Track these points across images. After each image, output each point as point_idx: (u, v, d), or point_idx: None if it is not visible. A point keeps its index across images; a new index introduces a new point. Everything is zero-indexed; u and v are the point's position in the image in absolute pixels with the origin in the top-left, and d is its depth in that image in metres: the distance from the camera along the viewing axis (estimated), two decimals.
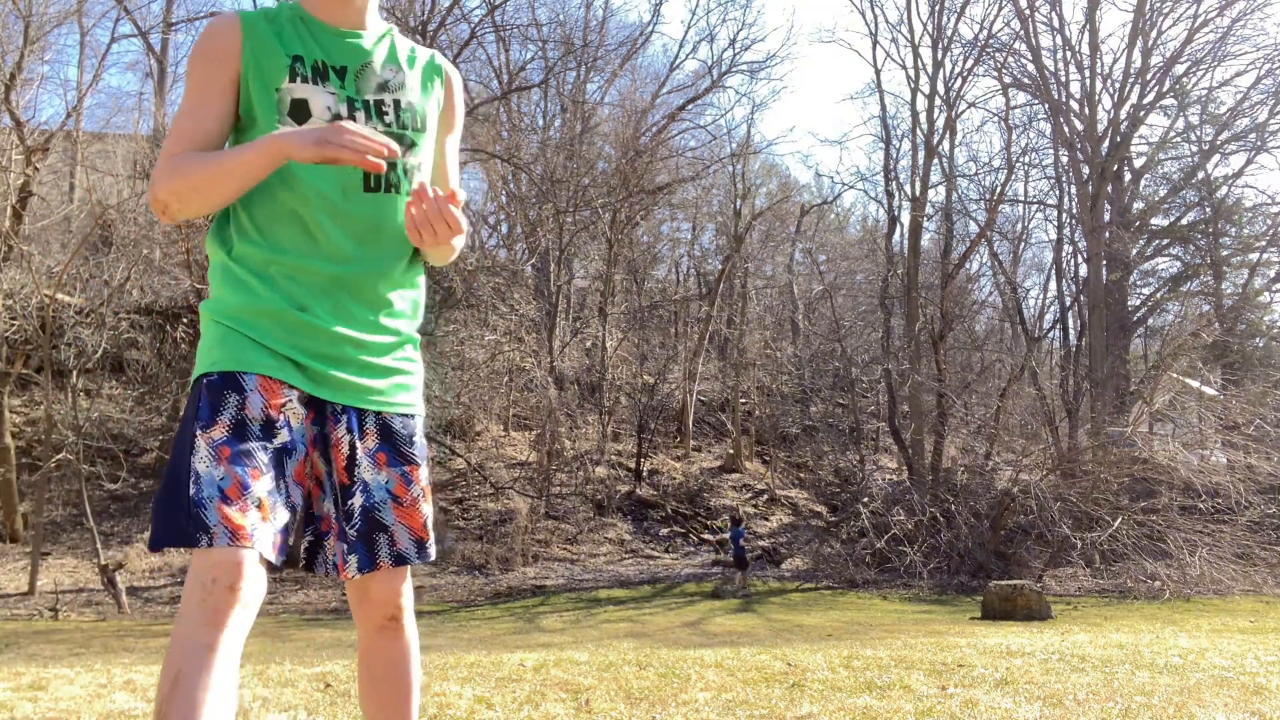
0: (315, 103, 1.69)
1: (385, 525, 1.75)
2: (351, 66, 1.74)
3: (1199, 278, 25.68)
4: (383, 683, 1.87)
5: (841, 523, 19.27)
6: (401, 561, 1.77)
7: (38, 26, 18.31)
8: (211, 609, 1.51)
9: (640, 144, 25.62)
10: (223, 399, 1.59)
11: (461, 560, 16.86)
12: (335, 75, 1.73)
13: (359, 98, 1.74)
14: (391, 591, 1.80)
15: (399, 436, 1.79)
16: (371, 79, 1.76)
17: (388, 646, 1.85)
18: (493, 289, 20.05)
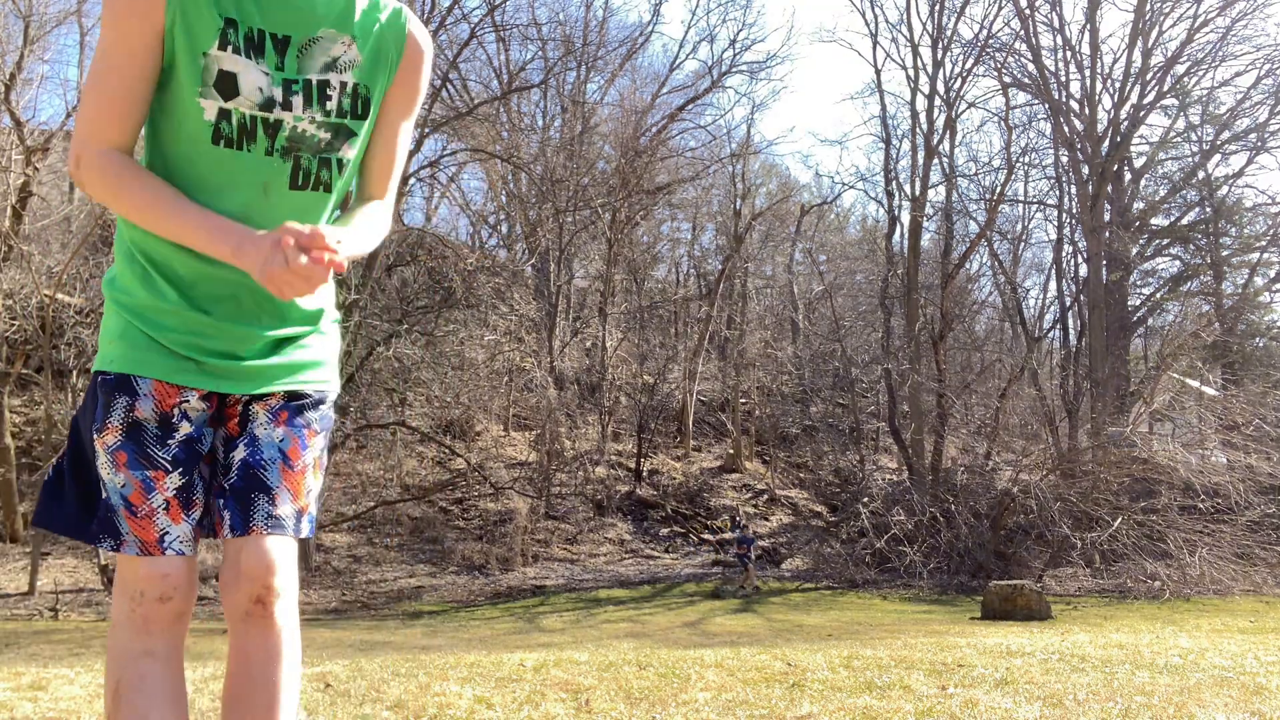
0: (245, 80, 1.50)
1: (268, 486, 1.57)
2: (296, 37, 1.53)
3: (1199, 278, 25.68)
4: (236, 686, 1.56)
5: (841, 523, 19.27)
6: (277, 527, 1.56)
7: (38, 26, 18.32)
8: (142, 619, 1.46)
9: (640, 144, 25.63)
10: (113, 401, 1.50)
11: (461, 560, 16.86)
12: (274, 48, 1.52)
13: (299, 77, 1.54)
14: (263, 566, 1.54)
15: (306, 399, 1.66)
16: (318, 55, 1.55)
17: (254, 640, 1.56)
18: (493, 289, 20.05)
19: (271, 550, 1.56)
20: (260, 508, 1.56)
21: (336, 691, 4.18)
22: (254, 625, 1.55)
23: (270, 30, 1.50)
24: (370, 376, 18.99)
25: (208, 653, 8.88)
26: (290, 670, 1.58)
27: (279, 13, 1.51)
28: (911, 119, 22.92)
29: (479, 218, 30.60)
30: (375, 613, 13.55)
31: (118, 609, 1.47)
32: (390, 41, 1.63)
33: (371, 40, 1.61)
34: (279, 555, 1.57)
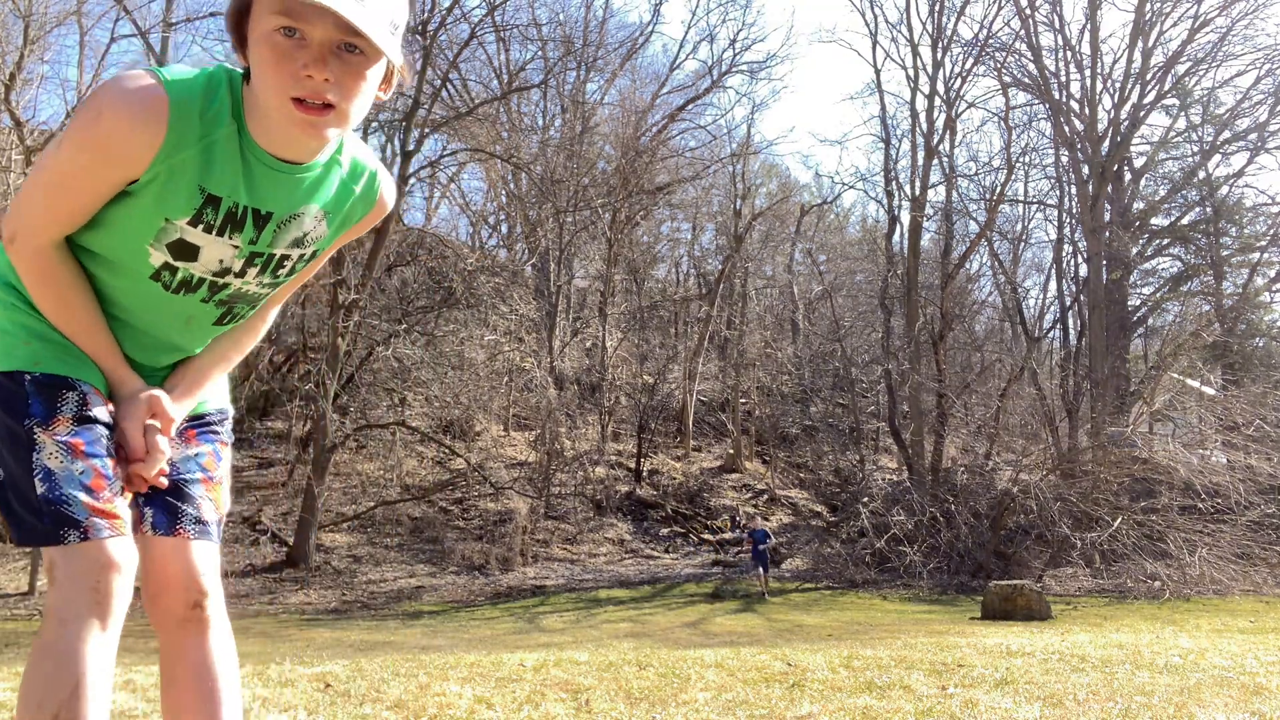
0: (208, 253, 1.49)
1: (191, 496, 1.61)
2: (279, 214, 1.51)
3: (1199, 278, 25.68)
4: (186, 694, 1.59)
5: (841, 523, 19.27)
6: (204, 533, 1.60)
7: (38, 26, 18.32)
8: (101, 608, 1.42)
9: (640, 144, 25.63)
10: (58, 396, 1.49)
11: (461, 560, 16.86)
12: (254, 224, 1.49)
13: (266, 251, 1.54)
14: (194, 571, 1.58)
15: (209, 415, 1.71)
16: (291, 231, 1.55)
17: (192, 647, 1.59)
18: (493, 289, 20.05)
19: (202, 555, 1.59)
20: (186, 514, 1.59)
21: (336, 691, 4.18)
22: (192, 629, 1.58)
23: (255, 207, 1.48)
24: (370, 376, 18.99)
25: None
26: (233, 670, 1.61)
27: (268, 192, 1.48)
28: (911, 119, 22.94)
29: (479, 218, 30.63)
30: (375, 613, 13.55)
31: (73, 603, 1.40)
32: (360, 208, 1.65)
33: (343, 212, 1.62)
34: (208, 560, 1.61)
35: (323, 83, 1.33)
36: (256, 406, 19.91)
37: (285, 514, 17.33)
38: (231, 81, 1.44)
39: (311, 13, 1.30)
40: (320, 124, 1.37)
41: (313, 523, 15.85)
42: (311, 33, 1.32)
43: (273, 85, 1.34)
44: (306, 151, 1.47)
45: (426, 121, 18.32)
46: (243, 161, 1.45)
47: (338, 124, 1.39)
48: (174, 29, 26.13)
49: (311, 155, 1.49)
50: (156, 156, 1.38)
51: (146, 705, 3.87)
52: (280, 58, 1.32)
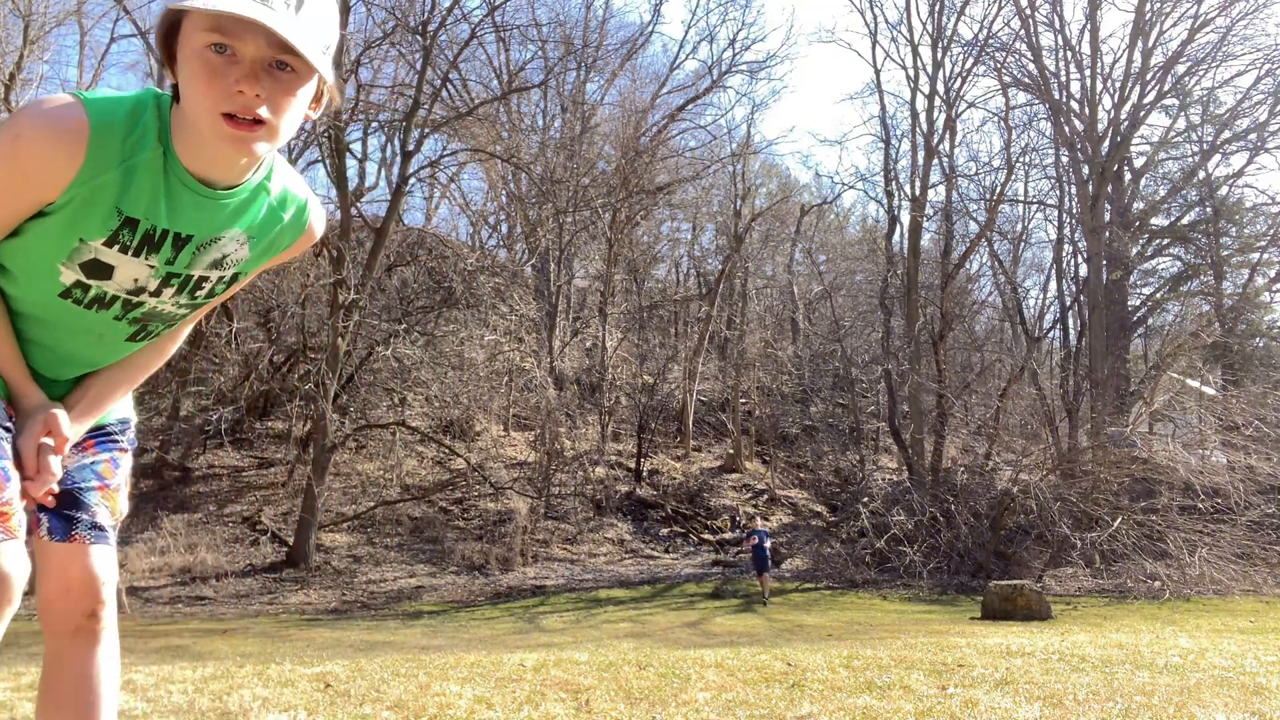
0: (122, 272, 1.49)
1: (87, 503, 1.62)
2: (199, 237, 1.51)
3: (1199, 278, 25.68)
4: (66, 705, 1.58)
5: (841, 523, 19.27)
6: (101, 538, 1.61)
7: (38, 26, 18.33)
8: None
9: (640, 144, 25.63)
10: None
11: (461, 560, 16.86)
12: (173, 245, 1.49)
13: (183, 273, 1.54)
14: (94, 579, 1.58)
15: (110, 426, 1.73)
16: (211, 253, 1.55)
17: (82, 657, 1.59)
18: (493, 289, 20.05)
19: (100, 563, 1.60)
20: (82, 520, 1.60)
21: (336, 691, 4.18)
22: (84, 638, 1.59)
23: (175, 230, 1.47)
24: (370, 376, 18.99)
25: (207, 653, 8.87)
26: (115, 679, 1.63)
27: (188, 217, 1.48)
28: (911, 119, 22.93)
29: (479, 218, 30.63)
30: (375, 613, 13.55)
31: None
32: (288, 236, 1.64)
33: (268, 239, 1.61)
34: (107, 568, 1.62)
35: (254, 98, 1.33)
36: (256, 406, 19.92)
37: (285, 514, 17.34)
38: (159, 105, 1.44)
39: (244, 29, 1.30)
40: (250, 139, 1.36)
41: (313, 523, 15.86)
42: (243, 49, 1.32)
43: (203, 101, 1.33)
44: (235, 169, 1.46)
45: (426, 121, 18.33)
46: (165, 185, 1.44)
47: (268, 139, 1.38)
48: None
49: (241, 174, 1.48)
50: (74, 180, 1.38)
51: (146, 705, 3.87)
52: (212, 74, 1.32)
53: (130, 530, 16.16)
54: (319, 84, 1.43)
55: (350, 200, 17.34)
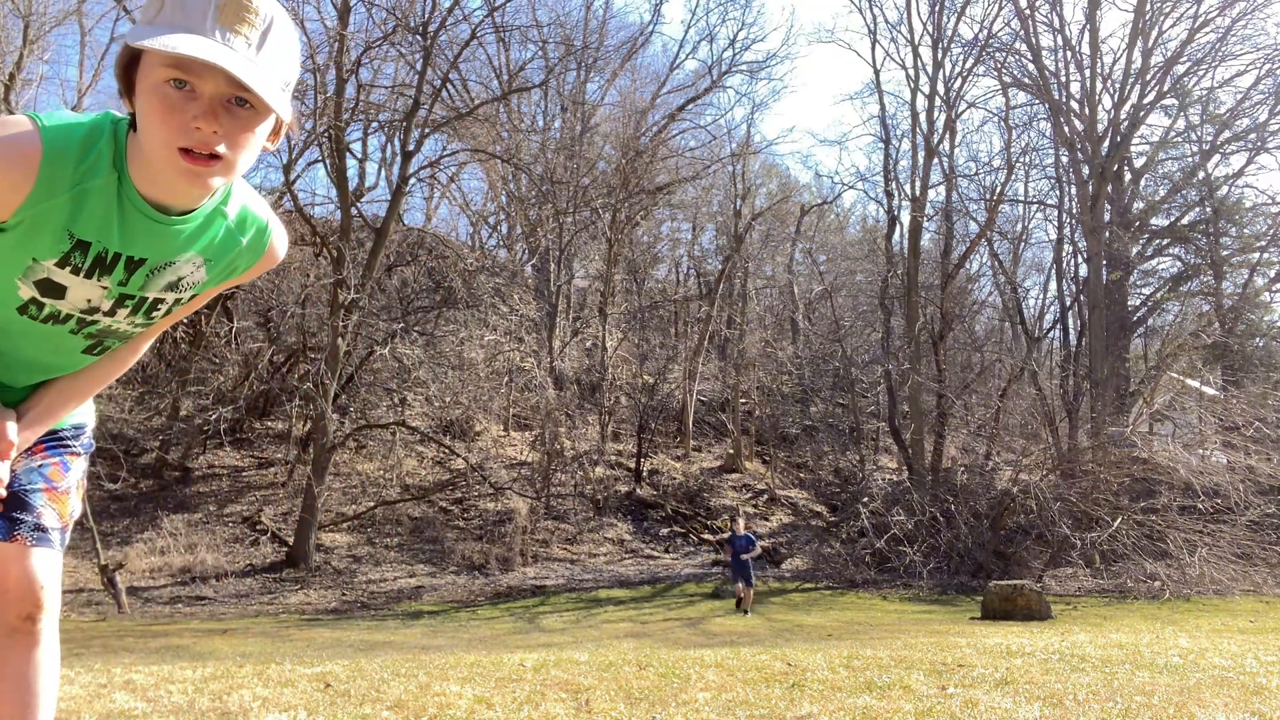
0: (75, 293, 1.51)
1: (32, 505, 1.63)
2: (152, 260, 1.52)
3: (1199, 278, 25.67)
4: (3, 704, 1.58)
5: (841, 523, 19.26)
6: (43, 540, 1.62)
7: (38, 26, 18.32)
8: None
9: (640, 144, 25.63)
10: None
11: (461, 560, 16.86)
12: (125, 268, 1.50)
13: (137, 294, 1.55)
14: (32, 581, 1.58)
15: (62, 431, 1.74)
16: (166, 276, 1.56)
17: (19, 656, 1.58)
18: (493, 289, 20.05)
19: (41, 566, 1.60)
20: (25, 522, 1.60)
21: (336, 691, 4.18)
22: (21, 641, 1.59)
23: (128, 254, 1.49)
24: (370, 376, 18.99)
25: (207, 653, 8.87)
26: (52, 684, 1.63)
27: (142, 241, 1.49)
28: (911, 119, 22.92)
29: (479, 218, 30.63)
30: (375, 613, 13.55)
31: None
32: (246, 259, 1.65)
33: (226, 261, 1.62)
34: (48, 571, 1.62)
35: (211, 134, 1.35)
36: (256, 406, 19.92)
37: (285, 514, 17.34)
38: (116, 130, 1.45)
39: (203, 67, 1.32)
40: (205, 174, 1.38)
41: (312, 523, 15.86)
42: (202, 86, 1.34)
43: (160, 135, 1.35)
44: (189, 199, 1.48)
45: (427, 122, 18.32)
46: (119, 209, 1.45)
47: (224, 174, 1.40)
48: None
49: (195, 202, 1.49)
50: (24, 203, 1.39)
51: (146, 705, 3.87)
52: (169, 109, 1.33)
53: (130, 530, 16.16)
54: (276, 119, 1.45)
55: (350, 200, 17.35)
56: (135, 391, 19.01)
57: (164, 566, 15.21)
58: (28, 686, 1.59)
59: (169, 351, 18.78)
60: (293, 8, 20.35)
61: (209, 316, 18.67)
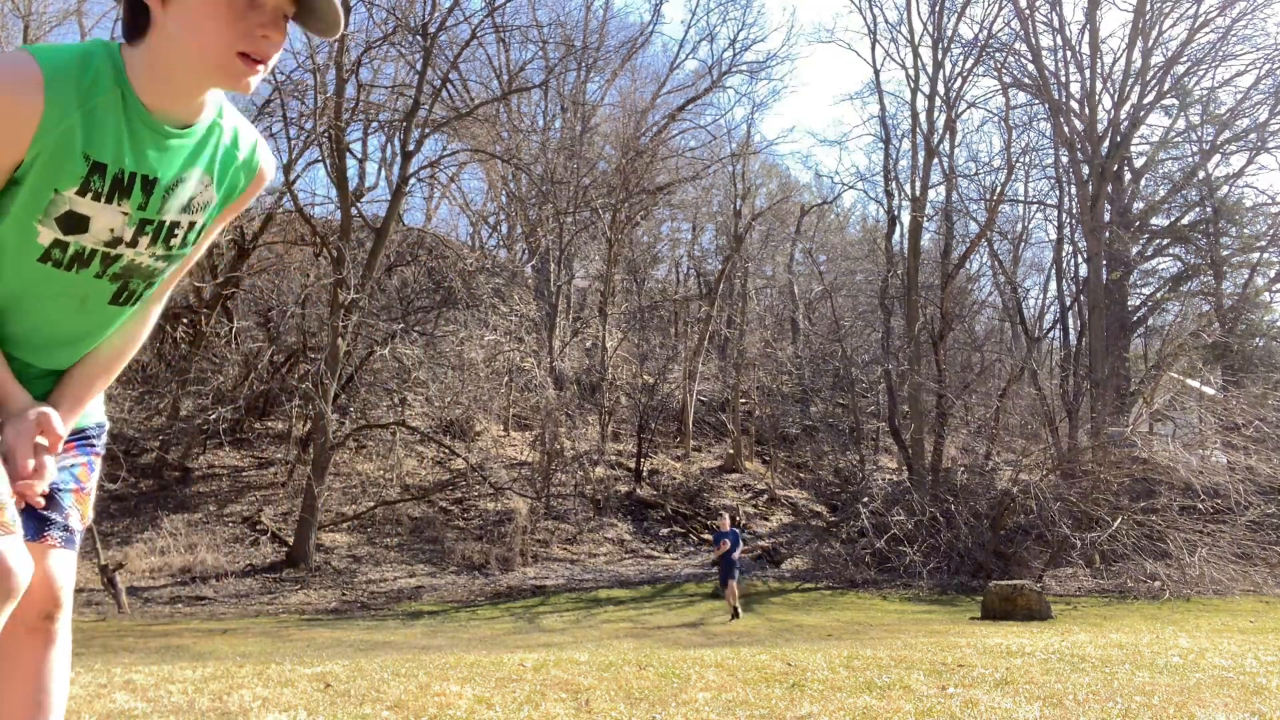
0: (98, 222, 1.51)
1: (62, 505, 1.65)
2: (165, 179, 1.55)
3: (1199, 278, 25.67)
4: (15, 703, 1.61)
5: (841, 523, 19.26)
6: (69, 542, 1.65)
7: (37, 26, 18.32)
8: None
9: (640, 144, 25.63)
10: None
11: (461, 560, 16.86)
12: (142, 189, 1.52)
13: (155, 218, 1.57)
14: (54, 582, 1.61)
15: (89, 430, 1.77)
16: (179, 196, 1.59)
17: (32, 657, 1.62)
18: (493, 289, 20.04)
19: (61, 566, 1.63)
20: (55, 522, 1.63)
21: (336, 691, 4.18)
22: (38, 639, 1.61)
23: (142, 172, 1.51)
24: (370, 376, 18.99)
25: (207, 653, 8.88)
26: (65, 688, 1.66)
27: (152, 157, 1.52)
28: (911, 119, 22.92)
29: (479, 218, 30.62)
30: (375, 613, 13.54)
31: None
32: (242, 176, 1.69)
33: (227, 179, 1.66)
34: (66, 570, 1.65)
35: (272, 44, 1.46)
36: (256, 406, 19.91)
37: (285, 514, 17.34)
38: (109, 50, 1.48)
39: None
40: (254, 79, 1.47)
41: (312, 523, 15.86)
42: (270, 1, 1.44)
43: (225, 38, 1.42)
44: (195, 106, 1.54)
45: (427, 122, 18.33)
46: (127, 126, 1.48)
47: (258, 78, 1.49)
48: None
49: (197, 112, 1.55)
50: (38, 130, 1.41)
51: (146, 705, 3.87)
52: (236, 15, 1.42)
53: (130, 530, 16.16)
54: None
55: (350, 200, 17.35)
56: (135, 391, 19.01)
57: (164, 566, 15.22)
58: (42, 684, 1.63)
59: (169, 351, 18.79)
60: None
61: (209, 316, 18.68)
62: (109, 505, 16.61)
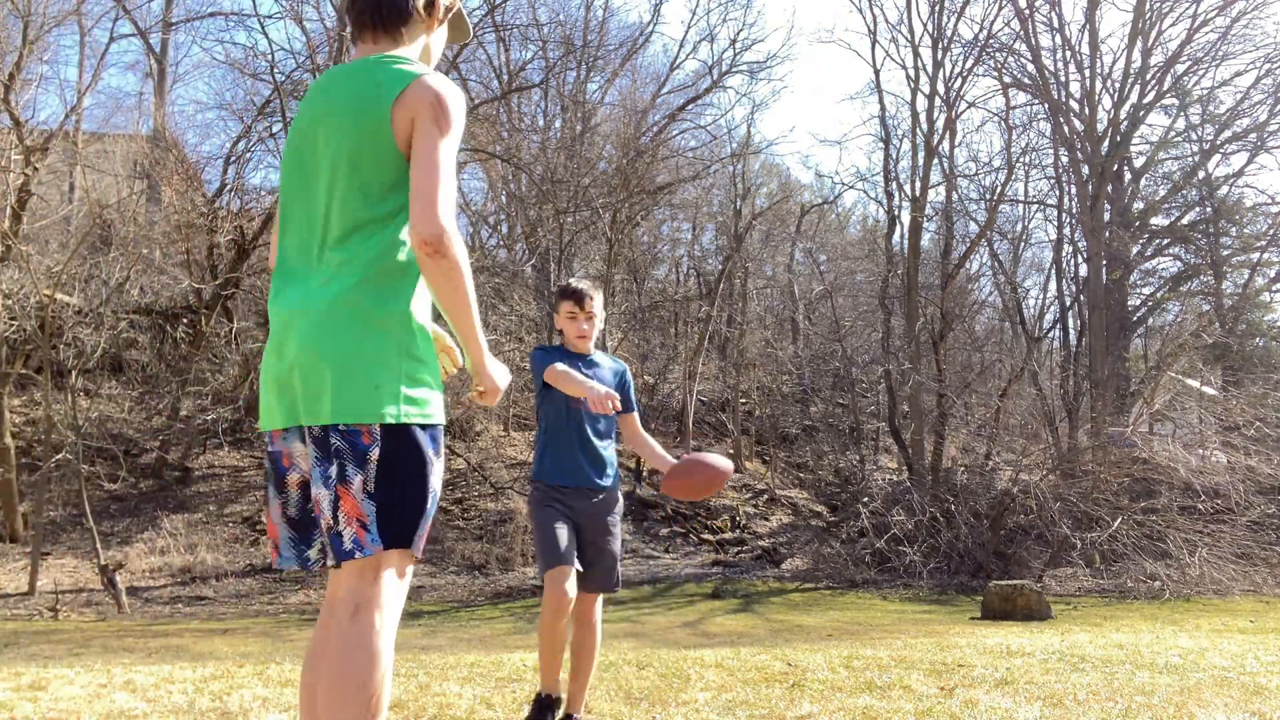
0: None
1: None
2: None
3: (1199, 278, 25.67)
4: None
5: (841, 523, 19.26)
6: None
7: (37, 26, 18.29)
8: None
9: (640, 144, 25.60)
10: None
11: (461, 560, 16.87)
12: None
13: None
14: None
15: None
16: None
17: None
18: (493, 289, 20.05)
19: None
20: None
21: None
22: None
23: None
24: None
25: (207, 653, 8.87)
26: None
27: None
28: (911, 119, 22.90)
29: (479, 218, 30.60)
30: None
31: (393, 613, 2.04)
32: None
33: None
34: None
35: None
36: (257, 406, 19.89)
37: None
38: None
39: (463, 24, 2.24)
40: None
41: None
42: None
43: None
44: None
45: None
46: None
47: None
48: (174, 29, 26.12)
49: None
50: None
51: (146, 705, 3.87)
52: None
53: (130, 530, 16.17)
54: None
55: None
56: (135, 391, 19.01)
57: (164, 566, 15.21)
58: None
59: (168, 351, 18.78)
60: (292, 8, 20.37)
61: (209, 317, 18.68)
62: (109, 505, 16.61)
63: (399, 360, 1.88)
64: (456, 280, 1.84)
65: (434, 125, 1.84)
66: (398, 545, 1.91)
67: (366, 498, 1.87)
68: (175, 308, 19.06)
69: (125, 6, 20.42)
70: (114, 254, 17.62)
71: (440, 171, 1.82)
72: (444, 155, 1.83)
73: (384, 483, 1.87)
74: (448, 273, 1.82)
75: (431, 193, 1.80)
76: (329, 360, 1.86)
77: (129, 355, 18.75)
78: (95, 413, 17.68)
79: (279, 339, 1.96)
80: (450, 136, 1.86)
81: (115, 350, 17.47)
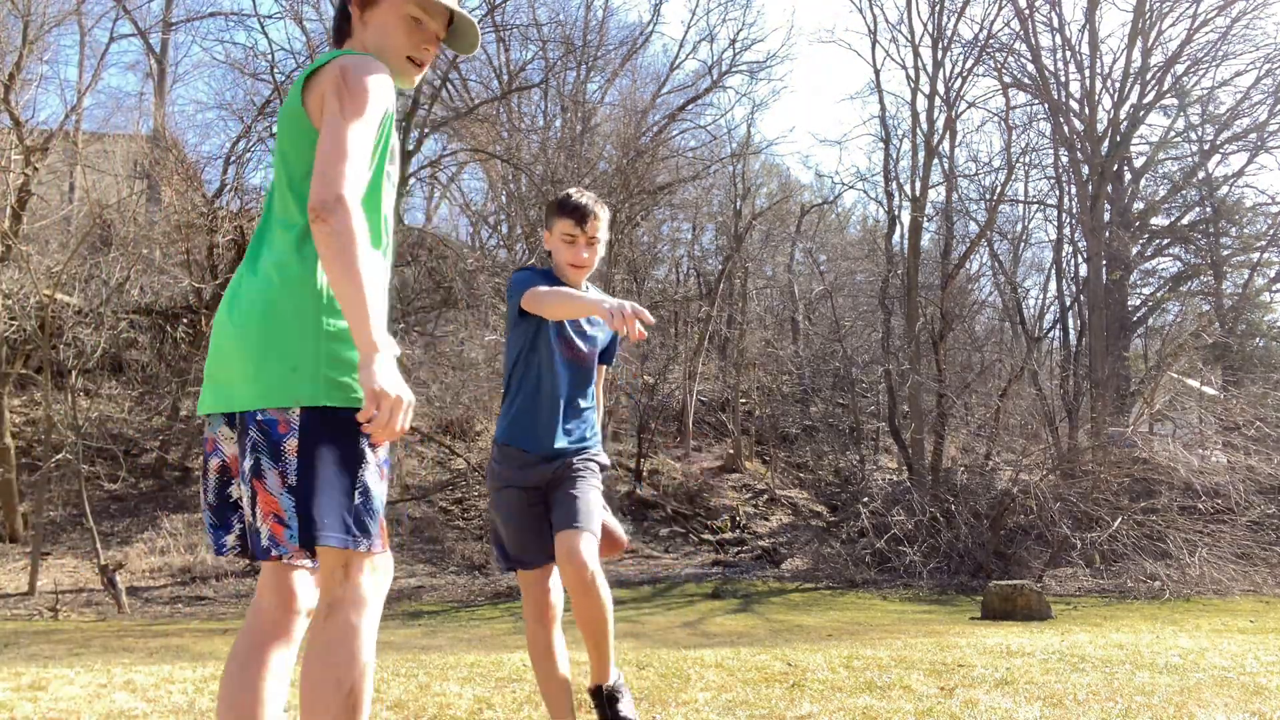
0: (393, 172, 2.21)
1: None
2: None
3: (1199, 278, 25.66)
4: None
5: (841, 523, 19.26)
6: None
7: (37, 26, 18.29)
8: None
9: (640, 144, 25.59)
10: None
11: (461, 560, 16.87)
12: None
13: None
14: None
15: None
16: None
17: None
18: (493, 289, 20.05)
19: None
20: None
21: None
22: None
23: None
24: None
25: (207, 653, 8.87)
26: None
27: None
28: (911, 119, 22.89)
29: (479, 218, 30.60)
30: None
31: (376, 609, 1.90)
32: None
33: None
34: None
35: (429, 55, 2.15)
36: None
37: None
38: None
39: (436, 12, 2.12)
40: (417, 77, 2.16)
41: None
42: (431, 25, 2.12)
43: (404, 47, 2.11)
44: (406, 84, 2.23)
45: (426, 121, 18.32)
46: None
47: (419, 77, 2.18)
48: (174, 29, 26.12)
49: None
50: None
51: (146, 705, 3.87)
52: (409, 31, 2.10)
53: (130, 530, 16.17)
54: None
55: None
56: (135, 391, 19.01)
57: (164, 566, 15.21)
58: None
59: (168, 351, 18.78)
60: (292, 8, 20.37)
61: (209, 317, 18.67)
62: (109, 505, 16.61)
63: (319, 341, 1.83)
64: (340, 251, 1.71)
65: (334, 98, 1.83)
66: (329, 543, 1.79)
67: (286, 492, 1.79)
68: (175, 308, 19.06)
69: (125, 6, 20.42)
70: (114, 254, 17.62)
71: (336, 141, 1.78)
72: (346, 126, 1.80)
73: (305, 474, 1.78)
74: (328, 240, 1.72)
75: (323, 162, 1.77)
76: (246, 344, 1.84)
77: (129, 355, 18.75)
78: (95, 413, 17.68)
79: (215, 331, 1.99)
80: (352, 107, 1.82)
81: (115, 350, 17.47)
